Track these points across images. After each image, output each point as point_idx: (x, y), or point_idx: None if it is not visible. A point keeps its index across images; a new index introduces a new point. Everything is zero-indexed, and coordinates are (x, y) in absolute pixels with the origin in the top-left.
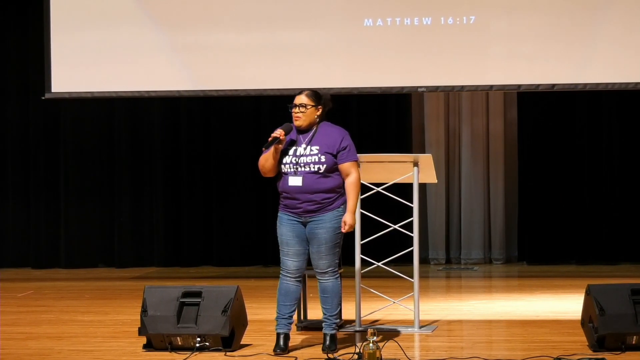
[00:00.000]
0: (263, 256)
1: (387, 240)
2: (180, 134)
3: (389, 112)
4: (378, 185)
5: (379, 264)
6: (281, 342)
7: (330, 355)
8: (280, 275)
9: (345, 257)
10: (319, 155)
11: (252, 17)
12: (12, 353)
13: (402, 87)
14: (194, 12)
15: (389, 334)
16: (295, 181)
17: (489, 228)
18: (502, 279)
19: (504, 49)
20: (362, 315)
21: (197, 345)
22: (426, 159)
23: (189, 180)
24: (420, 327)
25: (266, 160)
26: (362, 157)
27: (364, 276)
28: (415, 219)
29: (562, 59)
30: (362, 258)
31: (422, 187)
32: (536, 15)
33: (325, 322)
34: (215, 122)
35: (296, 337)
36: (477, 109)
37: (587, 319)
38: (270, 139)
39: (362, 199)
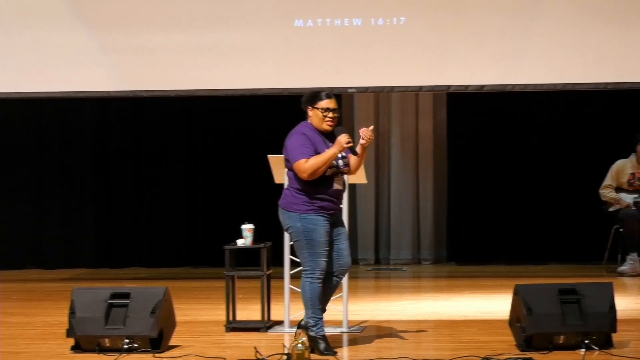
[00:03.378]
0: (193, 257)
1: None
2: (111, 135)
3: None
4: None
5: None
6: (328, 343)
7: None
8: (310, 279)
9: (274, 258)
10: (346, 157)
11: (182, 17)
12: None
13: (332, 88)
14: (125, 12)
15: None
16: (339, 184)
17: (418, 228)
18: (431, 279)
19: (434, 50)
20: (290, 316)
21: (126, 346)
22: (356, 160)
23: (119, 181)
24: (349, 327)
25: (324, 164)
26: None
27: (293, 277)
28: (345, 219)
29: (492, 60)
30: (291, 259)
31: (352, 187)
32: (466, 16)
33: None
34: (146, 123)
35: (226, 338)
36: (407, 109)
37: (515, 319)
38: (350, 145)
39: None
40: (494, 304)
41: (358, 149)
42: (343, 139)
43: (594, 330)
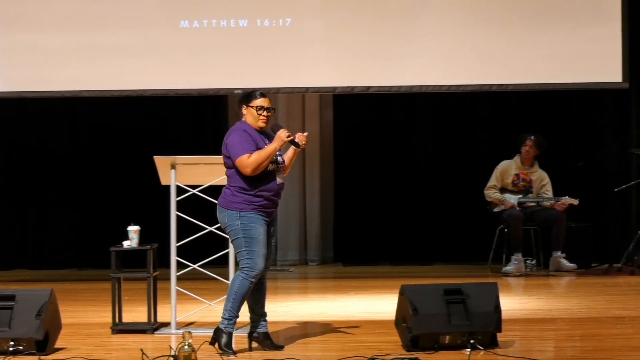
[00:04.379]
0: (78, 259)
1: (203, 242)
2: None
3: (205, 114)
4: (194, 187)
5: (195, 266)
6: (230, 341)
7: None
8: (245, 277)
9: (160, 259)
10: (282, 155)
11: (68, 17)
12: None
13: (219, 89)
14: (8, 12)
15: (204, 336)
16: (281, 179)
17: (304, 229)
18: (317, 280)
19: (320, 52)
20: (177, 318)
21: (11, 349)
22: None
23: (3, 181)
24: (237, 328)
25: (266, 158)
26: (179, 159)
27: (179, 278)
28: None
29: (377, 61)
30: (177, 260)
31: None
32: (352, 18)
33: (264, 322)
34: (31, 124)
35: (112, 340)
36: (294, 110)
37: (401, 319)
38: (291, 138)
39: (177, 201)
40: (380, 305)
41: (290, 152)
42: (283, 133)
43: (480, 330)
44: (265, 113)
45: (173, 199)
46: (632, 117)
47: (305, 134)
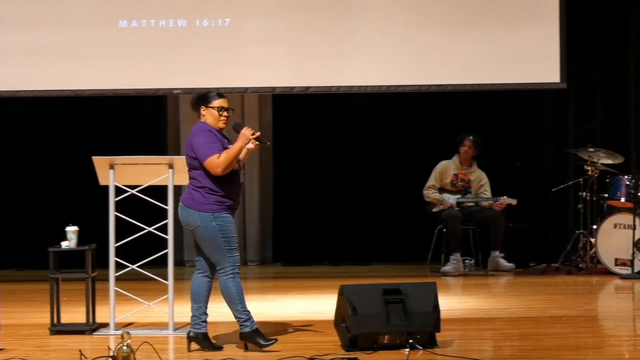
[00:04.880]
0: (16, 259)
1: (142, 243)
2: None
3: (144, 114)
4: (133, 187)
5: (134, 266)
6: (264, 335)
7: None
8: (232, 274)
9: (99, 260)
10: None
11: (4, 16)
12: None
13: (157, 89)
14: None
15: (143, 336)
16: (243, 178)
17: (244, 230)
18: (257, 281)
19: (259, 52)
20: (116, 319)
21: None
22: (181, 161)
23: None
24: (175, 329)
25: (235, 157)
26: (117, 159)
27: (118, 279)
28: (170, 221)
29: (316, 61)
30: (116, 261)
31: (177, 189)
32: (291, 18)
33: (203, 322)
34: None
35: (50, 341)
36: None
37: (340, 319)
38: (256, 135)
39: (116, 202)
40: (319, 305)
41: (244, 152)
42: (248, 131)
43: (418, 329)
44: (225, 113)
45: (112, 200)
46: (569, 117)
47: (258, 132)
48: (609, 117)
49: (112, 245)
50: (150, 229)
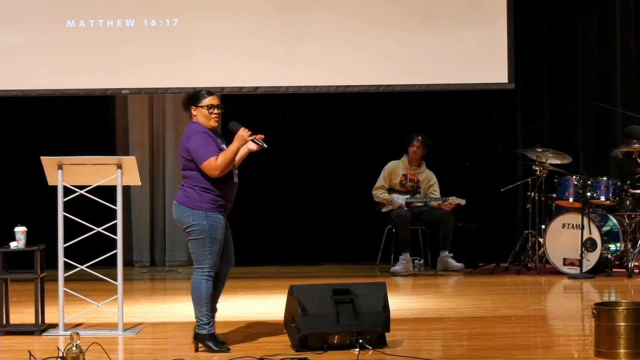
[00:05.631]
0: None
1: (90, 243)
2: None
3: (92, 114)
4: (81, 187)
5: (83, 267)
6: (219, 341)
7: None
8: (207, 276)
9: (48, 260)
10: None
11: None
12: None
13: (106, 89)
14: None
15: (93, 337)
16: (236, 178)
17: None
18: None
19: (208, 52)
20: (65, 319)
21: None
22: (130, 162)
23: None
24: (125, 329)
25: (232, 159)
26: (66, 159)
27: (67, 279)
28: (119, 221)
29: (265, 62)
30: (65, 261)
31: (126, 189)
32: (240, 18)
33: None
34: None
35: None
36: (182, 111)
37: (290, 319)
38: (257, 137)
39: (65, 202)
40: (269, 305)
41: (244, 152)
42: (245, 132)
43: (368, 329)
44: (216, 111)
45: (60, 200)
46: (517, 117)
47: (259, 135)
48: (557, 118)
49: (61, 245)
50: (99, 229)
